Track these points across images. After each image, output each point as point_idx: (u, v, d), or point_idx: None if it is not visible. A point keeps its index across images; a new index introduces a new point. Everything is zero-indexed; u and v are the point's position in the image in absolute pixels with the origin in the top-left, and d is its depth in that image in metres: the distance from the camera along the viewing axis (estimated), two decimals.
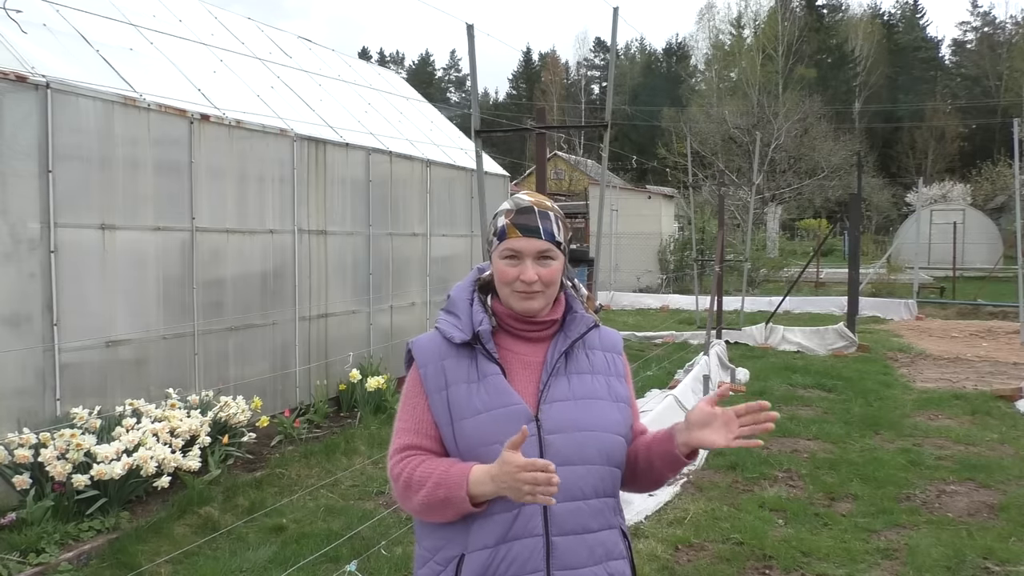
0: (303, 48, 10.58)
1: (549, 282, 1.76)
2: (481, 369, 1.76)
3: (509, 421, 1.70)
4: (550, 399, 1.74)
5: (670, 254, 22.95)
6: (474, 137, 5.86)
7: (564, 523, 1.69)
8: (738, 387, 9.05)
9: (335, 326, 8.22)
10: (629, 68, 63.44)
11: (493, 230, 1.81)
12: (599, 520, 1.74)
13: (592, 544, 1.72)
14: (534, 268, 1.74)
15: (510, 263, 1.76)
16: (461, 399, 1.74)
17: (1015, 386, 8.82)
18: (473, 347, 1.77)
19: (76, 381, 5.49)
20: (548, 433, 1.71)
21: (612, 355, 1.89)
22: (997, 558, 4.50)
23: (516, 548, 1.67)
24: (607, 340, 1.91)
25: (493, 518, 1.68)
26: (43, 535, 4.48)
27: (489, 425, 1.71)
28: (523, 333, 1.82)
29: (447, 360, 1.78)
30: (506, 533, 1.68)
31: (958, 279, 21.82)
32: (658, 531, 4.89)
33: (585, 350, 1.84)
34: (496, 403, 1.72)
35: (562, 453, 1.69)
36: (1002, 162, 36.89)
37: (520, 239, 1.75)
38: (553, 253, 1.77)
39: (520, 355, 1.80)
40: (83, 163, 5.59)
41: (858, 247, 12.56)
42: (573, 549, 1.69)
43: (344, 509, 5.32)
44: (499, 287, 1.80)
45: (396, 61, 76.08)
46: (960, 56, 63.84)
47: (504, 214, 1.79)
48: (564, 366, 1.79)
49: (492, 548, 1.68)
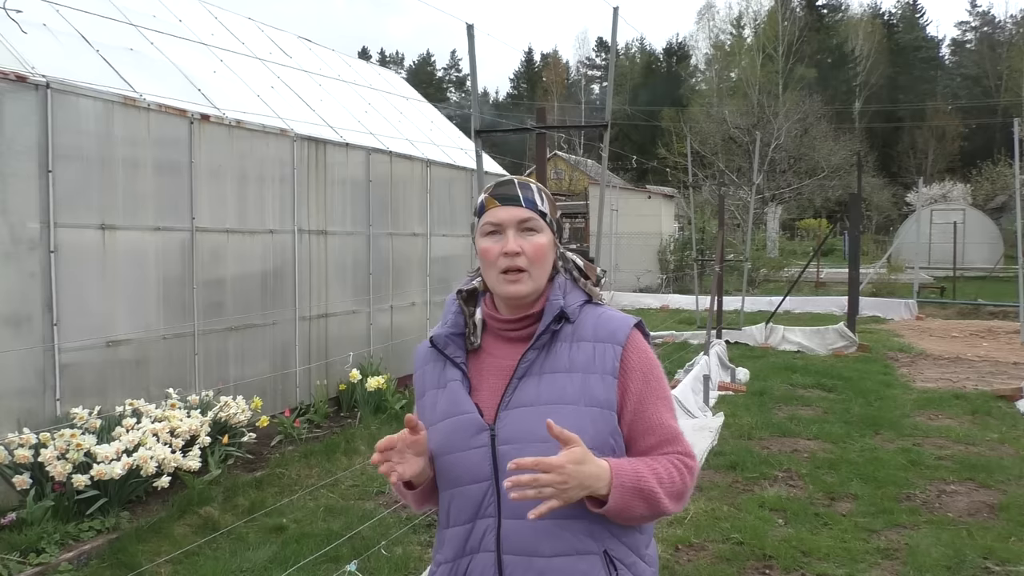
0: (303, 48, 10.59)
1: (535, 258, 1.62)
2: (446, 375, 1.69)
3: (459, 431, 1.62)
4: (512, 405, 1.60)
5: (670, 254, 22.96)
6: (474, 137, 5.87)
7: (512, 542, 1.57)
8: (738, 387, 9.05)
9: (335, 326, 8.22)
10: (629, 68, 63.41)
11: (474, 211, 1.71)
12: (552, 545, 1.55)
13: (544, 569, 1.55)
14: (516, 240, 1.61)
15: (492, 239, 1.64)
16: (429, 406, 1.70)
17: (1015, 386, 8.81)
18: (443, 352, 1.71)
19: (76, 381, 5.49)
20: (502, 443, 1.58)
21: (605, 347, 1.62)
22: (997, 558, 4.50)
23: (473, 563, 1.61)
24: (604, 329, 1.64)
25: (454, 531, 1.64)
26: (43, 535, 4.47)
27: (444, 434, 1.64)
28: (505, 333, 1.69)
29: (427, 365, 1.74)
30: (463, 547, 1.63)
31: (958, 279, 21.82)
32: (658, 531, 4.89)
33: (572, 342, 1.64)
34: (451, 411, 1.64)
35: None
36: (1002, 162, 36.87)
37: (499, 208, 1.64)
38: (536, 224, 1.64)
39: (497, 358, 1.67)
40: (83, 163, 5.59)
41: (858, 247, 12.55)
42: (521, 571, 1.57)
43: (344, 509, 5.32)
44: (486, 273, 1.67)
45: (396, 61, 76.07)
46: (960, 56, 63.86)
47: (484, 190, 1.70)
48: (541, 364, 1.63)
49: (452, 562, 1.65)
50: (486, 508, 1.60)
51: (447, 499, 1.66)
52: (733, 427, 7.34)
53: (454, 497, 1.64)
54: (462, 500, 1.62)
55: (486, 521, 1.59)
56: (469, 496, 1.61)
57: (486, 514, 1.60)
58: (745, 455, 6.41)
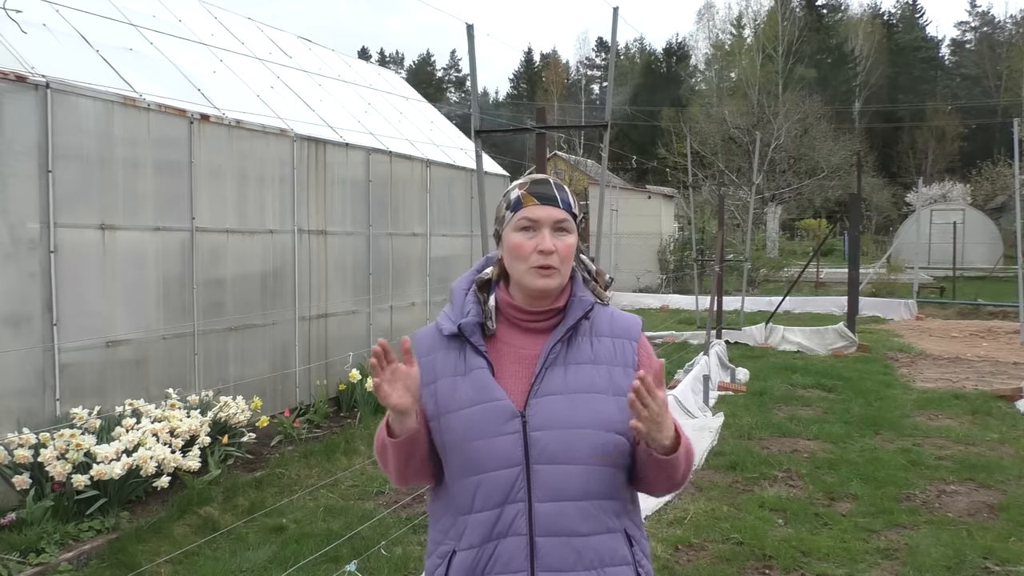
0: (303, 48, 10.59)
1: (565, 257, 1.70)
2: (468, 363, 1.72)
3: (491, 417, 1.66)
4: (541, 393, 1.67)
5: (670, 254, 22.96)
6: (474, 137, 5.86)
7: (547, 524, 1.63)
8: (738, 387, 9.05)
9: (335, 326, 8.22)
10: (629, 68, 63.39)
11: (505, 205, 1.75)
12: (590, 524, 1.65)
13: (581, 548, 1.64)
14: (551, 239, 1.69)
15: (526, 235, 1.70)
16: (447, 393, 1.72)
17: (1015, 386, 8.81)
18: (462, 340, 1.74)
19: (76, 381, 5.49)
20: (534, 430, 1.65)
21: (623, 342, 1.75)
22: (997, 558, 4.50)
23: (501, 547, 1.65)
24: (619, 325, 1.77)
25: (478, 516, 1.67)
26: (43, 535, 4.48)
27: (469, 420, 1.67)
28: (525, 324, 1.75)
29: (438, 353, 1.76)
30: (490, 532, 1.66)
31: (958, 279, 21.82)
32: (658, 531, 4.89)
33: (591, 337, 1.74)
34: (480, 398, 1.68)
35: (548, 451, 1.64)
36: (1002, 162, 36.87)
37: (538, 207, 1.70)
38: (569, 226, 1.72)
39: (517, 348, 1.73)
40: (83, 163, 5.59)
41: (858, 247, 12.56)
42: (557, 552, 1.63)
43: (344, 509, 5.32)
44: (513, 266, 1.72)
45: (396, 61, 76.05)
46: (960, 56, 63.84)
47: (518, 187, 1.75)
48: (564, 356, 1.71)
49: (478, 547, 1.66)
50: (516, 492, 1.64)
51: (471, 485, 1.68)
52: (733, 427, 7.34)
53: (481, 483, 1.67)
54: (490, 485, 1.66)
55: (516, 506, 1.64)
56: (498, 481, 1.65)
57: (516, 499, 1.64)
58: (745, 455, 6.41)
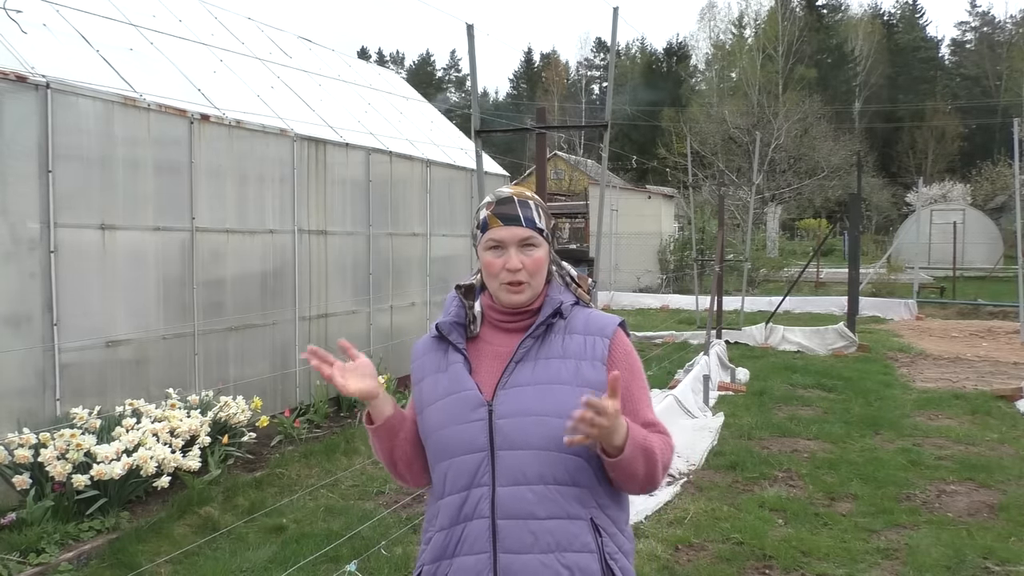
0: (303, 48, 10.58)
1: (534, 271, 1.81)
2: (449, 359, 1.85)
3: (459, 406, 1.77)
4: (510, 384, 1.77)
5: (670, 254, 22.95)
6: (474, 137, 5.86)
7: (507, 507, 1.71)
8: (738, 387, 9.06)
9: (335, 326, 8.22)
10: (629, 68, 63.40)
11: (476, 224, 1.87)
12: (547, 507, 1.71)
13: (537, 531, 1.70)
14: (518, 256, 1.79)
15: (494, 254, 1.81)
16: (429, 388, 1.86)
17: (1015, 386, 8.82)
18: (447, 341, 1.86)
19: (76, 381, 5.49)
20: (499, 418, 1.74)
21: (595, 338, 1.82)
22: (997, 558, 4.50)
23: (468, 529, 1.74)
24: (594, 324, 1.85)
25: (449, 500, 1.77)
26: (43, 535, 4.47)
27: (442, 410, 1.80)
28: (503, 324, 1.87)
29: (428, 355, 1.91)
30: (458, 515, 1.76)
31: (958, 279, 21.82)
32: (658, 531, 4.89)
33: (564, 334, 1.83)
34: (453, 389, 1.80)
35: (509, 437, 1.73)
36: (1002, 162, 36.90)
37: (502, 228, 1.80)
38: (535, 240, 1.81)
39: (496, 346, 1.85)
40: (83, 163, 5.59)
41: (858, 247, 12.56)
42: (516, 534, 1.70)
43: (344, 509, 5.32)
44: (488, 281, 1.84)
45: (396, 61, 76.07)
46: (960, 56, 63.86)
47: (485, 207, 1.84)
48: (536, 351, 1.80)
49: (448, 529, 1.77)
50: (481, 477, 1.74)
51: (443, 470, 1.80)
52: (733, 427, 7.34)
53: (450, 468, 1.78)
54: (458, 469, 1.76)
55: (481, 490, 1.74)
56: (465, 466, 1.76)
57: (481, 483, 1.74)
58: (745, 455, 6.41)
